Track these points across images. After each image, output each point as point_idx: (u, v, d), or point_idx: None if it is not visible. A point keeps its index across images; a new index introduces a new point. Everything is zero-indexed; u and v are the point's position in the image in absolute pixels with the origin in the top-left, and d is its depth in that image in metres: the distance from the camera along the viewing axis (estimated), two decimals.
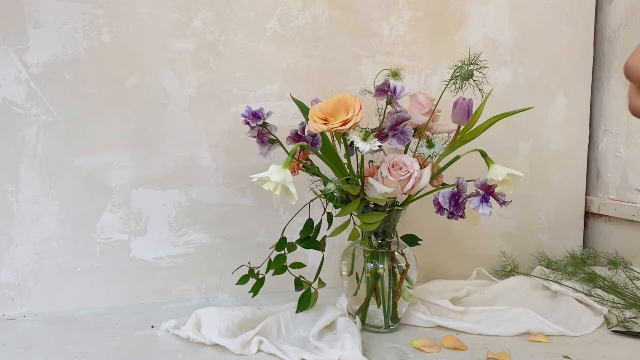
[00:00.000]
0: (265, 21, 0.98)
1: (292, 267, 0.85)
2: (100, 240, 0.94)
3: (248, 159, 0.98)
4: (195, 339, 0.79)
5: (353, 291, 0.86)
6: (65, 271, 0.92)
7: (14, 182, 0.89)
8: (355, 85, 1.03)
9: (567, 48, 1.17)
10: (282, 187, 0.71)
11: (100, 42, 0.91)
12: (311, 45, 1.01)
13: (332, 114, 0.73)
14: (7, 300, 0.90)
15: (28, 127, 0.89)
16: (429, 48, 1.08)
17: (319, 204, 0.87)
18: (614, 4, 1.17)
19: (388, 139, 0.77)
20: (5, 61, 0.87)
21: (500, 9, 1.12)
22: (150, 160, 0.95)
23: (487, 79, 0.78)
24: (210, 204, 0.99)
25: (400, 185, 0.76)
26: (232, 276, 0.87)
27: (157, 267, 0.97)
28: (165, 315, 0.89)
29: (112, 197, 0.94)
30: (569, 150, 1.19)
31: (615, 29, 1.17)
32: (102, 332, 0.83)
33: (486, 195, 0.74)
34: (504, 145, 1.15)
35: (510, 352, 0.76)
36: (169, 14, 0.94)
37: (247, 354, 0.75)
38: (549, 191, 1.19)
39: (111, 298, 0.95)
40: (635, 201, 1.12)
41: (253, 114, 0.82)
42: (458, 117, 0.79)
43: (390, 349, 0.78)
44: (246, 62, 0.98)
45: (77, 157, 0.92)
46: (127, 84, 0.93)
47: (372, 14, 1.04)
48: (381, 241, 0.85)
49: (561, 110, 1.18)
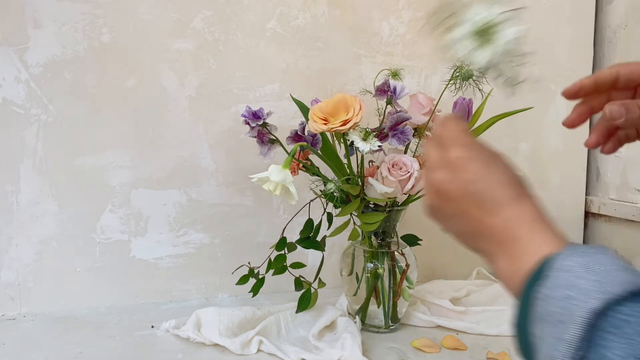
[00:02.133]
0: (265, 21, 0.98)
1: (292, 267, 0.85)
2: (100, 240, 0.94)
3: (248, 159, 0.98)
4: (195, 339, 0.79)
5: (353, 291, 0.86)
6: (65, 271, 0.92)
7: (14, 182, 0.89)
8: (355, 85, 1.02)
9: (567, 48, 1.16)
10: (282, 187, 0.71)
11: (100, 42, 0.91)
12: (311, 45, 1.01)
13: (332, 114, 0.73)
14: (7, 300, 0.90)
15: (28, 127, 0.89)
16: (429, 48, 1.08)
17: (319, 204, 0.87)
18: (614, 4, 1.17)
19: (388, 139, 0.77)
20: (5, 61, 0.87)
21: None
22: (150, 160, 0.95)
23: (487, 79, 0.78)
24: (210, 204, 0.99)
25: (400, 185, 0.77)
26: (232, 276, 0.87)
27: (157, 267, 0.97)
28: (165, 315, 0.89)
29: (112, 197, 0.94)
30: (569, 150, 1.19)
31: (615, 29, 1.17)
32: (102, 332, 0.83)
33: None
34: (504, 145, 1.13)
35: (510, 352, 0.76)
36: (169, 14, 0.94)
37: (247, 354, 0.76)
38: (549, 191, 1.19)
39: (111, 298, 0.95)
40: (635, 201, 1.12)
41: (253, 114, 0.82)
42: None
43: (390, 349, 0.78)
44: (246, 62, 0.98)
45: (77, 157, 0.92)
46: (127, 84, 0.93)
47: (372, 14, 1.04)
48: (381, 241, 0.85)
49: (561, 110, 1.18)
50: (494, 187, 0.40)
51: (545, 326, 0.33)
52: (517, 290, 0.37)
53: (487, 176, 0.40)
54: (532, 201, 0.40)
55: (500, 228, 0.39)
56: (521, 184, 0.41)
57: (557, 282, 0.33)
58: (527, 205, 0.40)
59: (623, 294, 0.31)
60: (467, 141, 0.42)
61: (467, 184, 0.41)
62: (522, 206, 0.40)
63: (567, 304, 0.32)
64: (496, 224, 0.40)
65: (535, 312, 0.34)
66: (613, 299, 0.31)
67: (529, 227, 0.39)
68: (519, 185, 0.41)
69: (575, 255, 0.34)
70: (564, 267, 0.33)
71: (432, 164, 0.43)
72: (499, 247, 0.40)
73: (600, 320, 0.31)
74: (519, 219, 0.39)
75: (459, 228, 0.43)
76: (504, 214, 0.39)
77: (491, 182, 0.40)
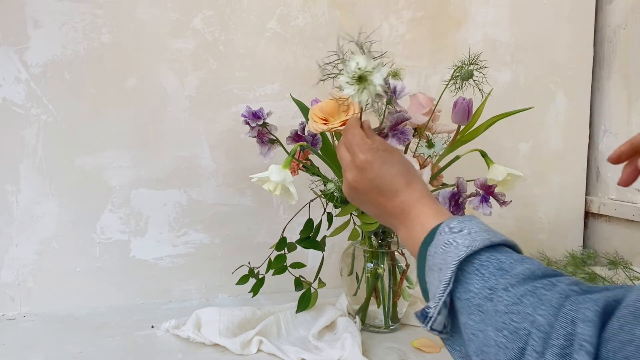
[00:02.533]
0: (265, 21, 0.98)
1: (292, 267, 0.85)
2: (100, 240, 0.94)
3: (248, 159, 0.98)
4: (195, 339, 0.79)
5: (353, 291, 0.86)
6: (65, 271, 0.92)
7: (14, 182, 0.89)
8: None
9: (567, 48, 1.17)
10: (282, 187, 0.71)
11: (100, 42, 0.91)
12: (311, 45, 1.01)
13: (332, 114, 0.73)
14: (7, 300, 0.90)
15: (28, 127, 0.89)
16: (429, 48, 1.08)
17: (319, 204, 0.87)
18: (614, 4, 1.17)
19: (388, 139, 0.77)
20: (5, 61, 0.87)
21: (500, 9, 1.12)
22: (150, 160, 0.95)
23: (487, 79, 0.78)
24: (210, 204, 0.99)
25: None
26: (232, 276, 0.86)
27: (157, 267, 0.97)
28: (165, 315, 0.89)
29: (112, 197, 0.94)
30: (569, 150, 1.19)
31: (615, 29, 1.17)
32: (102, 332, 0.83)
33: (486, 195, 0.74)
34: (504, 145, 1.15)
35: None
36: (169, 14, 0.94)
37: (247, 354, 0.76)
38: (549, 191, 1.19)
39: (111, 298, 0.95)
40: (635, 201, 1.12)
41: (253, 114, 0.82)
42: (458, 117, 0.79)
43: (390, 349, 0.78)
44: (246, 62, 0.98)
45: (77, 157, 0.92)
46: (127, 84, 0.93)
47: (372, 14, 1.04)
48: (381, 241, 0.85)
49: (561, 110, 1.18)
50: (390, 180, 0.54)
51: (432, 273, 0.46)
52: (416, 251, 0.51)
53: (385, 173, 0.55)
54: (420, 184, 0.55)
55: (398, 208, 0.54)
56: (410, 172, 0.56)
57: (440, 241, 0.46)
58: (416, 189, 0.54)
59: (481, 247, 0.43)
60: (367, 147, 0.56)
61: (371, 181, 0.55)
62: (412, 190, 0.54)
63: (445, 256, 0.45)
64: (395, 206, 0.54)
65: (427, 265, 0.48)
66: (474, 250, 0.43)
67: (418, 204, 0.53)
68: (409, 174, 0.55)
69: (452, 222, 0.47)
70: (444, 231, 0.47)
71: (345, 166, 0.58)
72: (399, 222, 0.54)
73: (466, 265, 0.43)
74: (411, 199, 0.53)
75: (371, 211, 0.58)
76: (400, 198, 0.54)
77: (388, 177, 0.54)
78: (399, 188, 0.54)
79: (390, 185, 0.54)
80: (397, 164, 0.56)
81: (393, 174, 0.54)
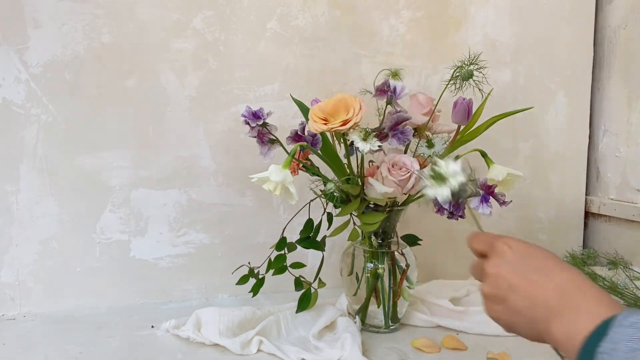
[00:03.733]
0: (265, 21, 0.98)
1: (292, 267, 0.85)
2: (100, 240, 0.94)
3: (248, 159, 0.98)
4: (195, 339, 0.79)
5: (353, 291, 0.86)
6: (65, 271, 0.92)
7: (14, 182, 0.89)
8: (355, 85, 1.02)
9: (567, 48, 1.16)
10: (282, 187, 0.71)
11: (100, 42, 0.91)
12: (311, 45, 1.01)
13: (332, 114, 0.73)
14: (7, 300, 0.90)
15: (28, 127, 0.89)
16: (429, 48, 1.08)
17: (319, 204, 0.87)
18: (614, 4, 1.17)
19: (388, 139, 0.77)
20: (5, 61, 0.87)
21: (500, 9, 1.12)
22: (150, 160, 0.95)
23: (487, 79, 0.78)
24: (210, 204, 0.99)
25: (400, 185, 0.76)
26: (232, 276, 0.86)
27: (157, 267, 0.97)
28: (165, 315, 0.89)
29: (112, 197, 0.94)
30: (569, 150, 1.19)
31: (615, 29, 1.17)
32: (102, 332, 0.83)
33: (486, 195, 0.74)
34: (504, 145, 1.15)
35: (510, 352, 0.76)
36: (169, 14, 0.94)
37: (247, 354, 0.75)
38: (549, 191, 1.19)
39: (111, 298, 0.95)
40: (635, 201, 1.12)
41: (253, 114, 0.82)
42: (458, 117, 0.79)
43: (390, 349, 0.78)
44: (246, 62, 0.98)
45: (77, 157, 0.92)
46: (127, 84, 0.93)
47: (372, 14, 1.04)
48: (381, 241, 0.85)
49: (561, 110, 1.18)
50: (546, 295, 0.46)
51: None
52: (577, 348, 0.41)
53: (539, 287, 0.47)
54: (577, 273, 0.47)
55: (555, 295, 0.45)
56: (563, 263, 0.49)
57: (620, 337, 0.37)
58: (574, 275, 0.47)
59: None
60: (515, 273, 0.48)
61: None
62: (571, 276, 0.47)
63: (634, 354, 0.36)
64: (550, 294, 0.45)
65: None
66: None
67: (580, 293, 0.45)
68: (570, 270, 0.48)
69: (633, 314, 0.38)
70: (625, 324, 0.38)
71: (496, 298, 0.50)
72: (553, 313, 0.45)
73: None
74: (571, 285, 0.45)
75: (515, 304, 0.49)
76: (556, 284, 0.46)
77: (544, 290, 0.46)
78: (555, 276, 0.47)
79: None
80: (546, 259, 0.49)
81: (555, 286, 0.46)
